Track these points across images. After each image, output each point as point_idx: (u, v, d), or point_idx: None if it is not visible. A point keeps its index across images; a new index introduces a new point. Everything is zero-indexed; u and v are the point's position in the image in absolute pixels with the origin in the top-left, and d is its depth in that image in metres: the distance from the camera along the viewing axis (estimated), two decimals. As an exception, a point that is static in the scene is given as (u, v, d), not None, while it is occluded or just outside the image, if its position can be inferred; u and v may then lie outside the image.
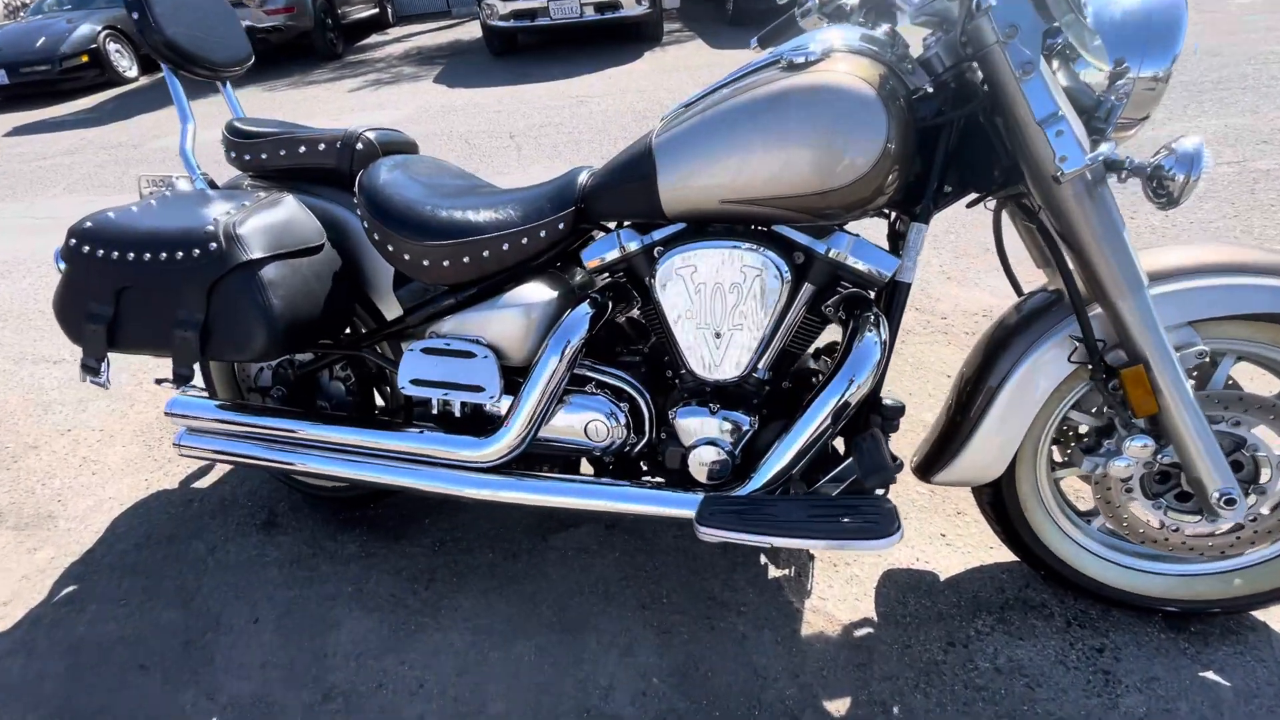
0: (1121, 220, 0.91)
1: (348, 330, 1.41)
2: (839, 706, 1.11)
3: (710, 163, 0.95)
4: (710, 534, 1.03)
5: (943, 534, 1.41)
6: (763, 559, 1.38)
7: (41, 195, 4.32)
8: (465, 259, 1.12)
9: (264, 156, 1.28)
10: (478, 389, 1.17)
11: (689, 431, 1.12)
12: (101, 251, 1.12)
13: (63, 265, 1.22)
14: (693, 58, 6.15)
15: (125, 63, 7.98)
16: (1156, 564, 1.18)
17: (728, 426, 1.10)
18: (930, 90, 0.99)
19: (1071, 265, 0.96)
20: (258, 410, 1.34)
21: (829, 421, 1.02)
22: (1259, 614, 1.18)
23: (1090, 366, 0.99)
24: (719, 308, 1.03)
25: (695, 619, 1.28)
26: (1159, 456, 1.03)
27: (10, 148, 5.65)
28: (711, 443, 1.10)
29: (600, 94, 5.27)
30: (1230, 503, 0.98)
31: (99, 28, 7.64)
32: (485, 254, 1.12)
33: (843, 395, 1.01)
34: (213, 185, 1.35)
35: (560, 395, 1.16)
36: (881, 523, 0.96)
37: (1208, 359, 1.01)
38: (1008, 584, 1.29)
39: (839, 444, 1.27)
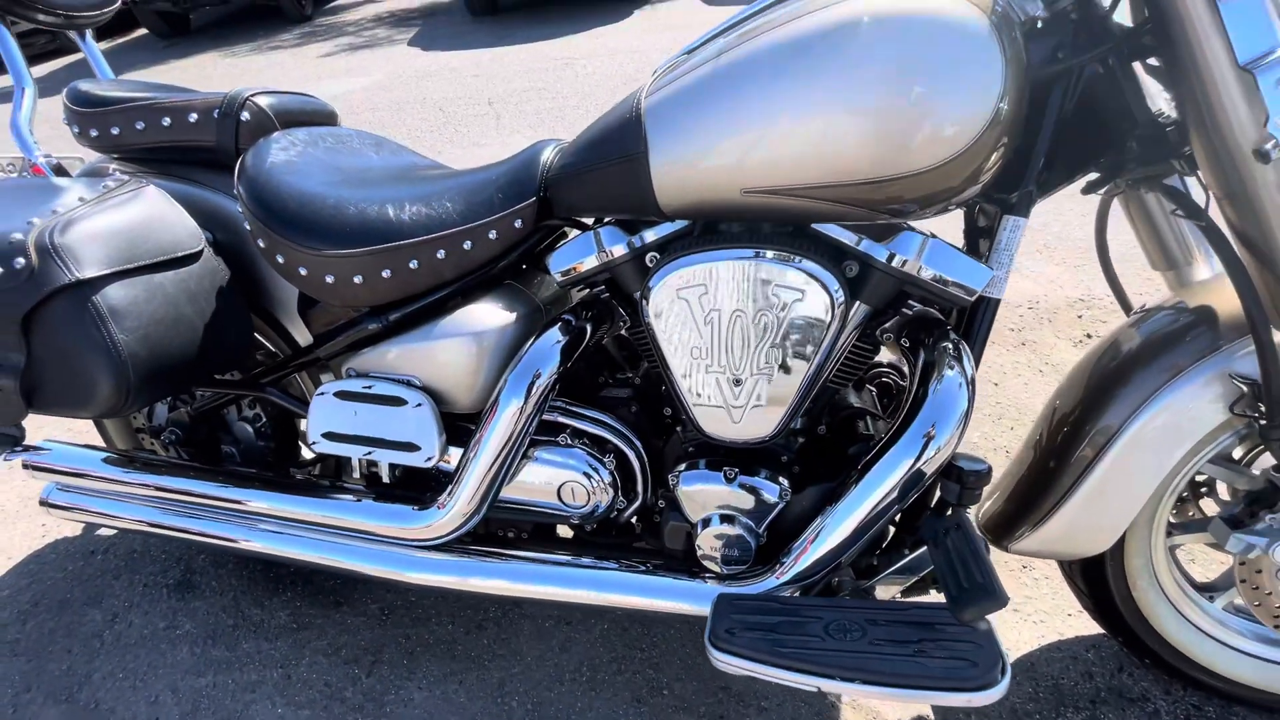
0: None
1: (256, 358, 1.10)
2: None
3: (727, 134, 0.65)
4: (728, 664, 0.75)
5: (1017, 607, 1.13)
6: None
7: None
8: (385, 272, 0.81)
9: (115, 131, 0.96)
10: (410, 447, 0.87)
11: (696, 502, 0.83)
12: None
13: None
14: (687, 17, 5.69)
15: None
16: (1301, 655, 0.91)
17: (749, 500, 0.81)
18: (1043, 22, 0.68)
19: (1257, 281, 0.66)
20: (144, 464, 1.05)
21: (894, 495, 0.74)
22: None
23: (1262, 421, 0.70)
24: (739, 345, 0.74)
25: (704, 718, 1.01)
26: (1338, 532, 0.75)
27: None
28: (728, 518, 0.82)
29: (587, 55, 4.86)
30: None
31: (45, -11, 7.08)
32: (413, 264, 0.81)
33: (916, 460, 0.72)
34: (60, 171, 1.02)
35: (524, 449, 0.87)
36: (980, 662, 0.68)
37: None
38: (1096, 667, 1.03)
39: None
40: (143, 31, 8.06)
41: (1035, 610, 1.11)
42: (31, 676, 1.18)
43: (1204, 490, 0.93)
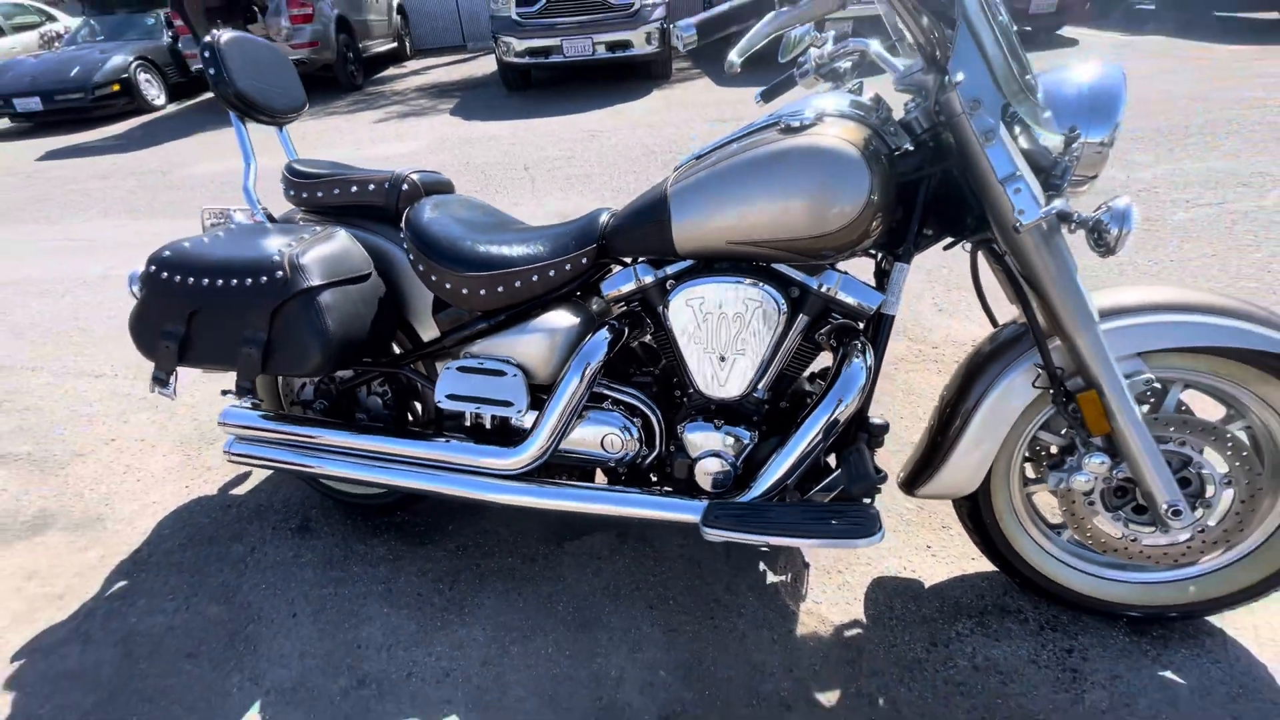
0: (1074, 264, 1.05)
1: (391, 349, 1.55)
2: (829, 698, 1.22)
3: (719, 209, 1.10)
4: (714, 535, 1.16)
5: (929, 546, 1.52)
6: (761, 566, 1.50)
7: (76, 218, 4.52)
8: (500, 288, 1.26)
9: (320, 195, 1.44)
10: (507, 404, 1.30)
11: (695, 444, 1.25)
12: (178, 277, 1.27)
13: (138, 289, 1.37)
14: (700, 95, 6.40)
15: (154, 91, 8.31)
16: (1120, 572, 1.29)
17: (730, 440, 1.23)
18: (911, 148, 1.14)
19: (1033, 303, 1.10)
20: (306, 421, 1.48)
21: (820, 437, 1.16)
22: (1215, 619, 1.29)
23: (1052, 391, 1.12)
24: (723, 334, 1.17)
25: (699, 619, 1.39)
26: (1115, 472, 1.15)
27: (44, 171, 5.89)
28: (715, 454, 1.23)
29: (611, 129, 5.49)
30: (1177, 514, 1.10)
31: (131, 58, 7.98)
32: (517, 284, 1.26)
33: (832, 413, 1.14)
34: (270, 219, 1.51)
35: (580, 411, 1.29)
36: (865, 525, 1.09)
37: (1158, 386, 1.14)
38: (987, 592, 1.40)
39: (830, 458, 1.39)
40: (211, 94, 8.90)
41: (947, 555, 1.49)
42: (196, 586, 1.57)
43: (1052, 455, 1.32)
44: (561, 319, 1.31)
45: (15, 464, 2.06)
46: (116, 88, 7.77)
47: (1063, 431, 1.23)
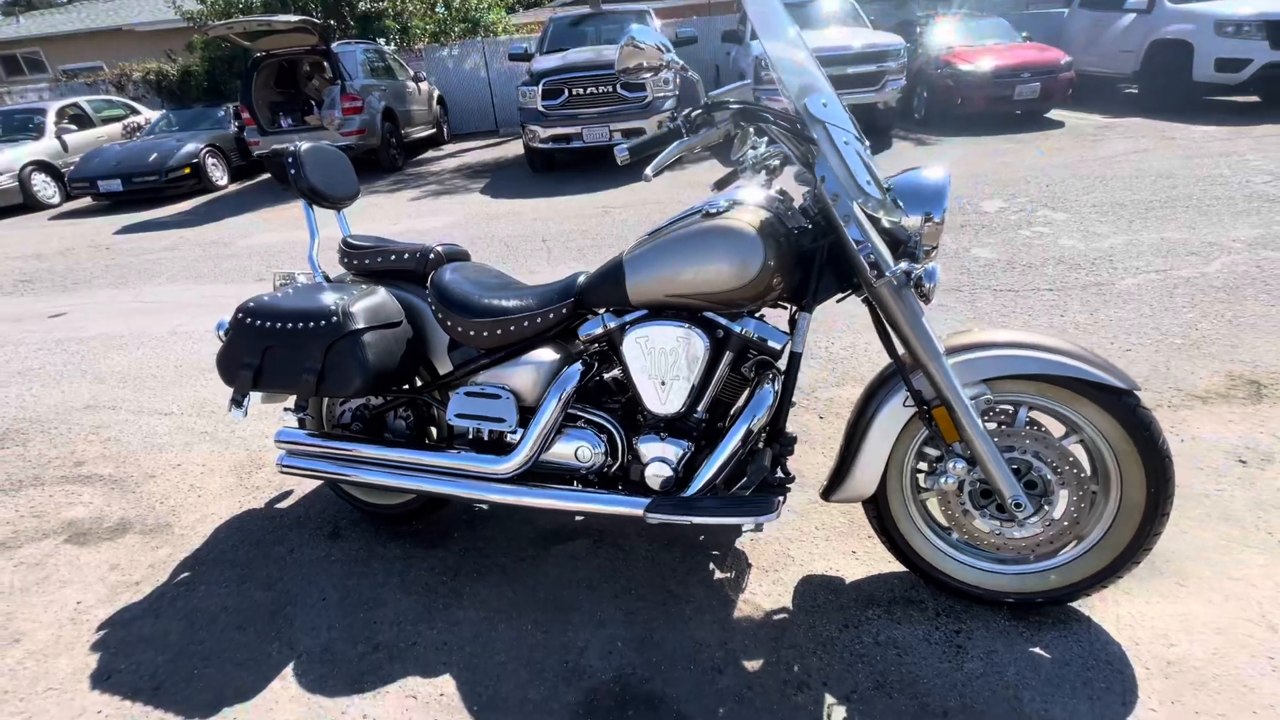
0: (921, 310, 1.39)
1: (415, 379, 1.93)
2: (754, 665, 1.49)
3: (659, 271, 1.48)
4: (654, 518, 1.48)
5: (854, 551, 1.80)
6: (711, 565, 1.79)
7: (148, 284, 5.14)
8: (499, 331, 1.65)
9: (367, 262, 1.87)
10: (501, 420, 1.66)
11: (644, 453, 1.58)
12: (258, 321, 1.68)
13: (222, 332, 1.79)
14: (705, 176, 6.98)
15: (219, 173, 9.29)
16: (999, 565, 1.56)
17: (671, 449, 1.56)
18: (809, 226, 1.52)
19: (895, 340, 1.44)
20: (346, 438, 1.85)
21: (739, 445, 1.48)
22: (1084, 609, 1.53)
23: (916, 409, 1.44)
24: (663, 365, 1.53)
25: (654, 605, 1.68)
26: (971, 474, 1.45)
27: (121, 244, 6.64)
28: (660, 460, 1.56)
29: (623, 205, 6.07)
30: (1019, 506, 1.39)
31: (202, 145, 8.99)
32: (512, 328, 1.65)
33: (748, 426, 1.47)
34: (328, 279, 1.93)
35: (559, 428, 1.64)
36: (765, 506, 1.42)
37: (1008, 407, 1.45)
38: (897, 587, 1.67)
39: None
40: (267, 176, 9.87)
41: (868, 559, 1.76)
42: (245, 577, 1.91)
43: (929, 464, 1.60)
44: (544, 355, 1.68)
45: (100, 483, 2.45)
46: (187, 170, 8.73)
47: (937, 445, 1.53)
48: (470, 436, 1.76)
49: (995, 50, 8.18)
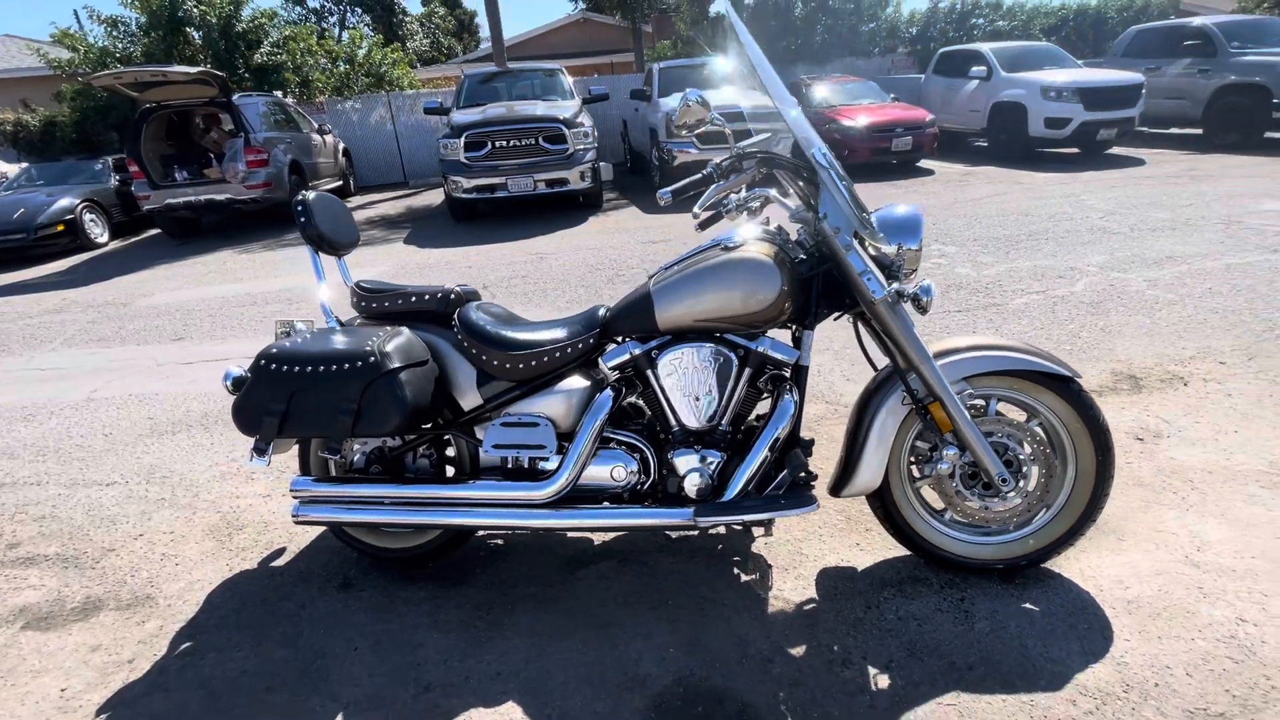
0: (912, 323, 1.65)
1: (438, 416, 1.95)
2: (797, 650, 1.63)
3: (686, 299, 1.65)
4: (706, 521, 1.61)
5: (858, 544, 2.00)
6: (735, 570, 1.92)
7: (39, 350, 4.63)
8: (534, 362, 1.74)
9: (385, 304, 1.90)
10: (541, 447, 1.74)
11: (681, 465, 1.72)
12: (284, 367, 1.67)
13: (230, 383, 1.76)
14: (630, 222, 7.34)
15: (98, 230, 8.53)
16: (985, 538, 1.81)
17: (707, 460, 1.71)
18: (805, 257, 1.75)
19: (893, 349, 1.68)
20: (367, 480, 1.84)
21: (768, 451, 1.66)
22: (1054, 567, 1.81)
23: (913, 406, 1.69)
24: (697, 382, 1.69)
25: (691, 612, 1.78)
26: (962, 459, 1.71)
27: (-12, 309, 5.92)
28: (696, 471, 1.70)
29: (556, 251, 6.23)
30: (1004, 480, 1.66)
31: (78, 200, 8.25)
32: (545, 359, 1.75)
33: (775, 434, 1.65)
34: (340, 323, 1.94)
35: (595, 450, 1.74)
36: (804, 500, 1.59)
37: (980, 401, 1.73)
38: (902, 569, 1.88)
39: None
40: (156, 231, 9.18)
41: (871, 549, 1.97)
42: (259, 638, 1.81)
43: (929, 457, 1.86)
44: (576, 383, 1.79)
45: (47, 564, 2.21)
46: (61, 228, 7.96)
47: (929, 438, 1.79)
48: (504, 467, 1.81)
49: (871, 109, 9.28)
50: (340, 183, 10.66)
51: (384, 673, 1.66)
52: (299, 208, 1.91)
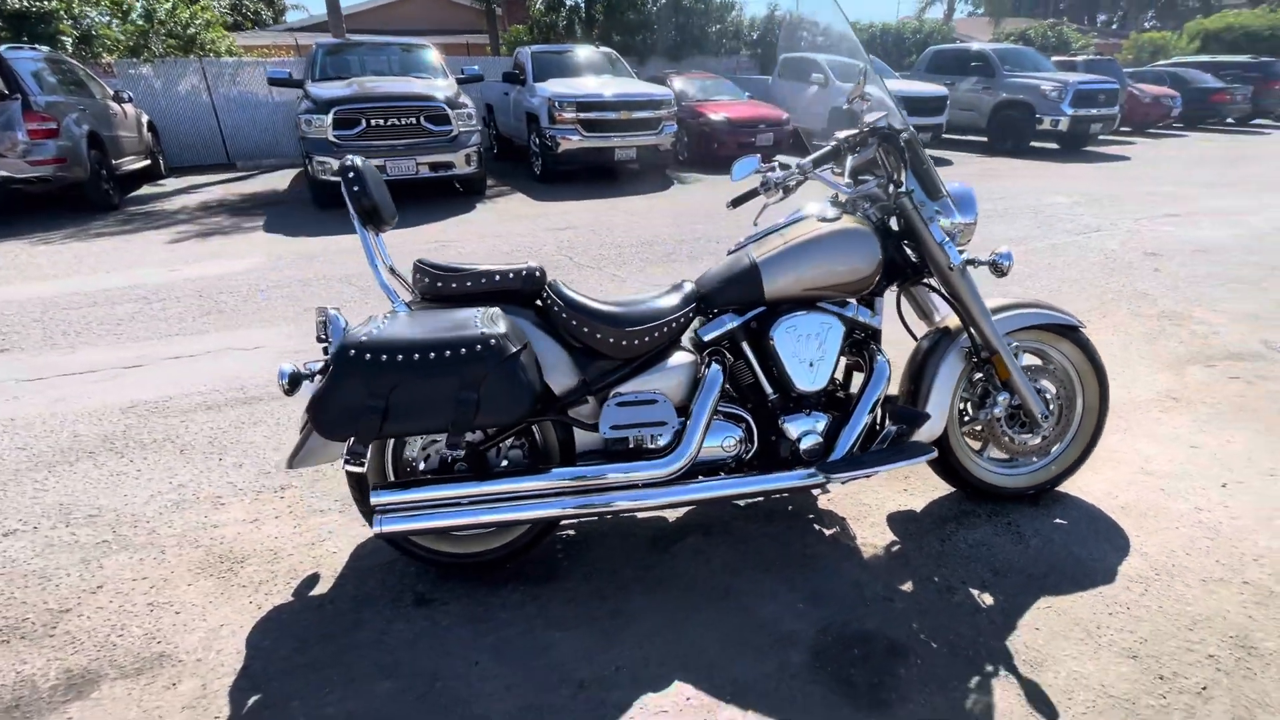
0: (977, 287, 1.89)
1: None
2: (907, 586, 1.80)
3: (796, 270, 1.73)
4: (838, 477, 1.71)
5: (905, 489, 2.23)
6: (816, 526, 2.04)
7: None
8: (646, 338, 1.70)
9: (454, 285, 1.71)
10: (662, 423, 1.70)
11: (793, 430, 1.79)
12: (381, 357, 1.45)
13: (286, 381, 1.51)
14: (522, 209, 7.11)
15: None
16: (1017, 469, 2.13)
17: (820, 423, 1.80)
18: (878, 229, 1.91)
19: (960, 311, 1.91)
20: (465, 479, 1.66)
21: (872, 408, 1.80)
22: (1067, 490, 2.18)
23: (976, 359, 1.93)
24: (810, 348, 1.77)
25: (800, 568, 1.87)
26: (1011, 402, 1.99)
27: None
28: (811, 432, 1.79)
29: (458, 238, 5.85)
30: (1046, 418, 1.97)
31: None
32: (656, 334, 1.71)
33: (879, 393, 1.80)
34: (406, 306, 1.71)
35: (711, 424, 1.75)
36: (922, 449, 1.77)
37: (1017, 350, 2.03)
38: (951, 505, 2.14)
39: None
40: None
41: (918, 491, 2.21)
42: (347, 674, 1.55)
43: (980, 403, 2.12)
44: (684, 358, 1.78)
45: (-30, 642, 1.67)
46: None
47: (977, 388, 2.05)
48: (607, 450, 1.74)
49: (732, 106, 9.89)
50: (148, 161, 8.94)
51: (523, 681, 1.53)
52: (350, 174, 1.65)
